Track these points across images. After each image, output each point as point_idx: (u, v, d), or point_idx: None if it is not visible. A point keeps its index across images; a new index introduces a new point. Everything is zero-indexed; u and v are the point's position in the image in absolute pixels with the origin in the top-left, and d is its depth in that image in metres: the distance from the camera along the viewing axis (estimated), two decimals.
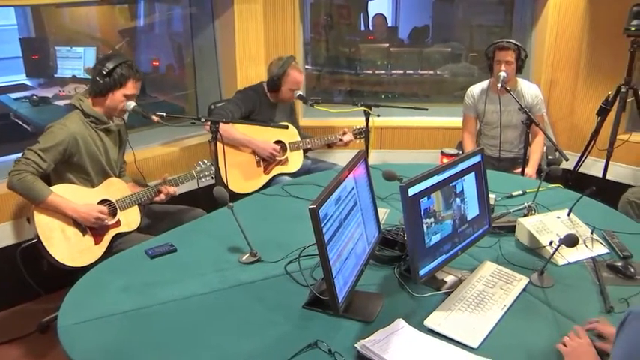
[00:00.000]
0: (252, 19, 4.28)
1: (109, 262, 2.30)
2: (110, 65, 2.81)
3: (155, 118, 2.96)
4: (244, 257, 2.26)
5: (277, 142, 3.74)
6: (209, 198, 2.54)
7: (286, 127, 3.53)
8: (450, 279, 2.10)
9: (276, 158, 3.70)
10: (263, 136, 3.69)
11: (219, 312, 1.93)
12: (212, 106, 3.92)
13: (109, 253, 2.67)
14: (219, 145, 3.08)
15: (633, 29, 4.00)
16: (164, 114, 3.00)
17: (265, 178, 3.69)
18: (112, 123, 2.94)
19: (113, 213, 2.85)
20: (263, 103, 3.80)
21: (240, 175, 3.60)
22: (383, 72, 5.42)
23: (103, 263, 2.30)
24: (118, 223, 2.86)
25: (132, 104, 2.89)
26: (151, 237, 2.55)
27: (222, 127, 3.19)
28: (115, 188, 2.92)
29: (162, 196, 3.00)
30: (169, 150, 4.02)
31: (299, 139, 3.84)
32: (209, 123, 3.16)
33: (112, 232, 2.84)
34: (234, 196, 2.99)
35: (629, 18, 4.01)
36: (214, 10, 4.31)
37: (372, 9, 5.79)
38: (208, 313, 1.93)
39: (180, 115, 4.13)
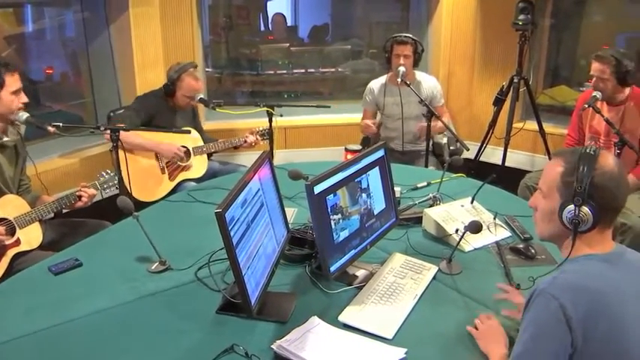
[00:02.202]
0: (148, 23, 4.19)
1: (9, 283, 2.19)
2: None
3: (51, 129, 2.83)
4: (153, 266, 2.21)
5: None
6: (114, 208, 2.46)
7: (189, 132, 3.48)
8: (361, 273, 2.14)
9: (180, 163, 3.64)
10: (166, 141, 3.62)
11: (131, 324, 1.89)
12: (111, 114, 3.82)
13: (9, 274, 2.54)
14: (121, 154, 3.00)
15: (520, 23, 4.23)
16: (60, 124, 2.88)
17: (170, 185, 3.62)
18: (6, 138, 2.80)
19: (11, 232, 2.71)
20: (163, 108, 3.73)
21: (145, 183, 3.51)
22: (284, 72, 5.43)
23: (2, 285, 2.18)
24: (17, 242, 2.71)
25: (24, 115, 2.75)
26: (54, 253, 2.44)
27: (123, 133, 3.11)
28: (11, 206, 2.77)
29: (84, 199, 2.87)
30: (69, 161, 3.89)
31: (202, 143, 3.79)
32: (109, 131, 3.07)
33: (11, 252, 2.68)
34: (140, 205, 2.91)
35: (516, 13, 4.24)
36: (108, 15, 4.19)
37: (271, 9, 5.78)
38: (120, 326, 1.88)
39: (78, 125, 3.99)
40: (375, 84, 4.21)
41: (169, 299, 2.03)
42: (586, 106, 3.38)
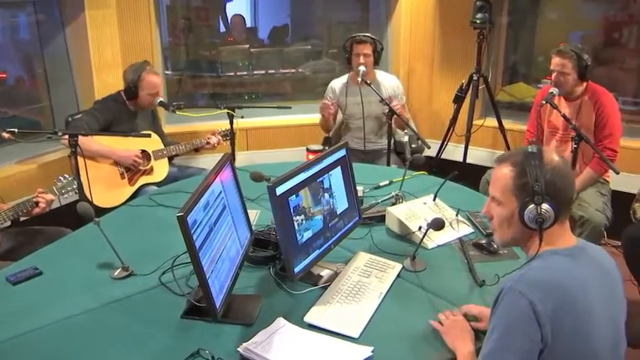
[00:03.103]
0: (105, 25, 4.12)
1: None
2: None
3: (6, 135, 2.78)
4: (116, 273, 2.18)
5: (141, 152, 3.63)
6: (73, 215, 2.43)
7: (149, 136, 3.44)
8: (325, 273, 2.15)
9: (140, 167, 3.59)
10: (125, 146, 3.57)
11: (94, 332, 1.86)
12: (69, 119, 3.74)
13: None
14: (80, 159, 2.95)
15: (478, 22, 4.28)
16: (16, 130, 2.83)
17: (131, 190, 3.56)
18: None
19: None
20: (123, 113, 3.67)
21: (105, 188, 3.45)
22: (245, 73, 5.40)
23: None
24: None
25: None
26: (12, 262, 2.39)
27: (81, 139, 3.06)
28: None
29: (42, 205, 2.81)
30: (26, 167, 3.80)
31: (163, 146, 3.75)
32: (67, 136, 3.02)
33: None
34: (100, 211, 2.87)
35: (474, 11, 4.29)
36: (63, 17, 4.10)
37: (231, 10, 5.75)
38: (84, 334, 1.85)
39: (34, 130, 3.90)
40: (337, 83, 4.22)
41: (133, 305, 2.01)
42: (544, 102, 3.44)
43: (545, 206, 1.53)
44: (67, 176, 2.96)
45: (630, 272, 3.02)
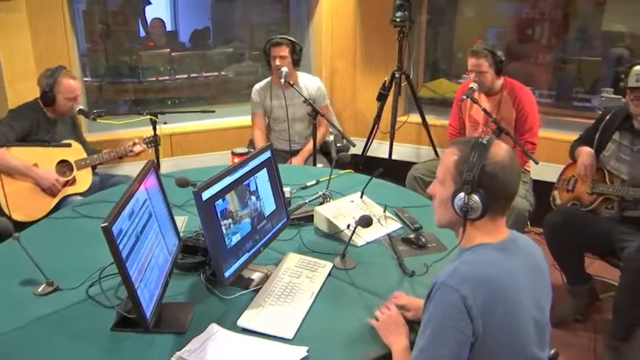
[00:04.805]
0: (16, 31, 3.95)
1: None
2: None
3: None
4: (40, 289, 2.10)
5: (62, 162, 3.50)
6: None
7: (69, 146, 3.33)
8: (256, 276, 2.14)
9: (62, 178, 3.47)
10: (45, 157, 3.44)
11: (20, 353, 1.79)
12: None
13: None
14: None
15: (398, 20, 4.37)
16: None
17: (53, 201, 3.43)
18: None
19: None
20: (41, 120, 3.53)
21: (24, 201, 3.31)
22: (167, 78, 5.31)
23: None
24: None
25: None
26: None
27: None
28: None
29: None
30: None
31: (85, 155, 3.64)
32: None
33: None
34: (20, 225, 2.77)
35: (393, 10, 4.38)
36: None
37: (150, 14, 5.64)
38: (11, 354, 1.77)
39: None
40: (260, 87, 4.23)
41: (61, 321, 1.94)
42: (464, 97, 3.56)
43: (474, 197, 1.56)
44: None
45: (552, 258, 3.15)
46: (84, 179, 3.60)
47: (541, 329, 1.61)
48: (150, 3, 5.54)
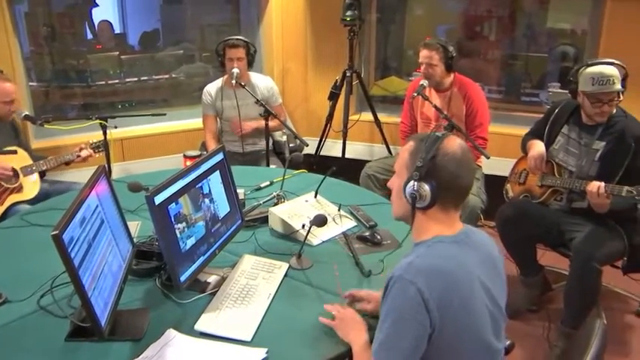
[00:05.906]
0: None
1: None
2: None
3: None
4: None
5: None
6: None
7: (15, 152, 3.24)
8: (212, 279, 2.13)
9: (7, 185, 3.37)
10: None
11: None
12: None
13: None
14: None
15: (348, 19, 4.39)
16: None
17: None
18: None
19: None
20: None
21: None
22: (116, 81, 5.22)
23: None
24: None
25: None
26: None
27: None
28: None
29: None
30: None
31: (31, 161, 3.55)
32: None
33: None
34: None
35: (343, 9, 4.40)
36: None
37: (97, 16, 5.53)
38: None
39: None
40: (211, 88, 4.19)
41: (11, 335, 1.89)
42: (415, 94, 3.60)
43: (423, 185, 1.59)
44: None
45: (505, 249, 3.22)
46: (31, 186, 3.50)
47: (497, 321, 1.65)
48: (96, 5, 5.43)
